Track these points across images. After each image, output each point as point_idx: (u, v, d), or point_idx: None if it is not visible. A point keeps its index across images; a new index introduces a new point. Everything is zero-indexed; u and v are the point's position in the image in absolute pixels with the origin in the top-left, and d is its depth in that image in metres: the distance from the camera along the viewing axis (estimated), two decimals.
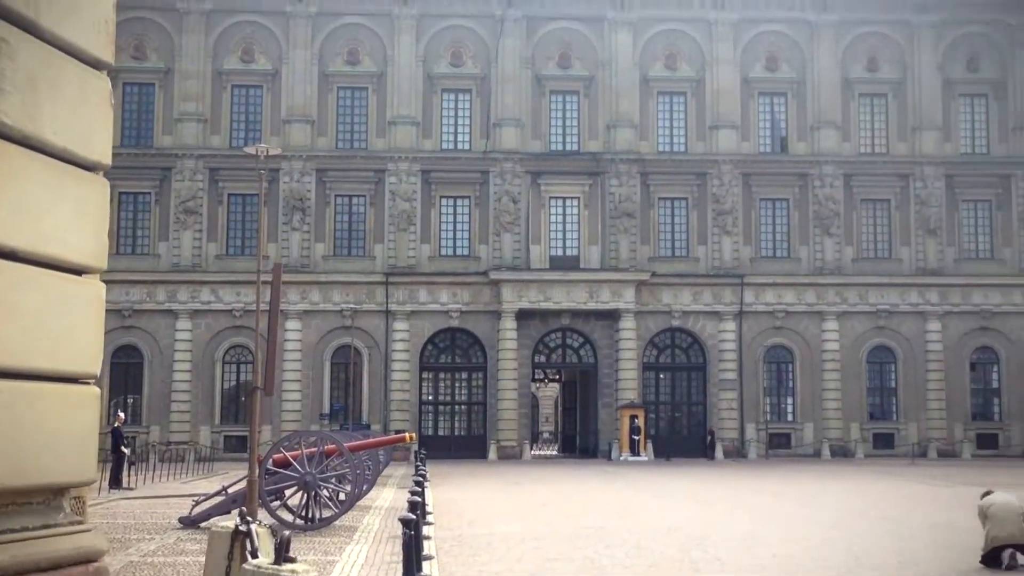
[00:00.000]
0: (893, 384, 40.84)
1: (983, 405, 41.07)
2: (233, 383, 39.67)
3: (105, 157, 5.48)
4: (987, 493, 10.51)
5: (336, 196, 40.27)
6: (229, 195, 39.79)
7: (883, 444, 40.10)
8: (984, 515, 10.25)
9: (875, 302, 40.37)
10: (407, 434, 19.70)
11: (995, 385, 40.99)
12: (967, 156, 41.33)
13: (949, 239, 40.77)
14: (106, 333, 32.91)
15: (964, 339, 40.59)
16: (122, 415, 27.40)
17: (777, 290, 40.38)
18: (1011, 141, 41.07)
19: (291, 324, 38.75)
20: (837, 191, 40.65)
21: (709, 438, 39.30)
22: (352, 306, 39.32)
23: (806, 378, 40.39)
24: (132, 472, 25.88)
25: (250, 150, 22.05)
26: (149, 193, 39.60)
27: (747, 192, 40.82)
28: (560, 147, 41.13)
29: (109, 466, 23.33)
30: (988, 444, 40.14)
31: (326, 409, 39.21)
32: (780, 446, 39.89)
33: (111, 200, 35.91)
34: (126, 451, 24.88)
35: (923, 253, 40.62)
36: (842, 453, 39.21)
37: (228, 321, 38.99)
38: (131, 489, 23.23)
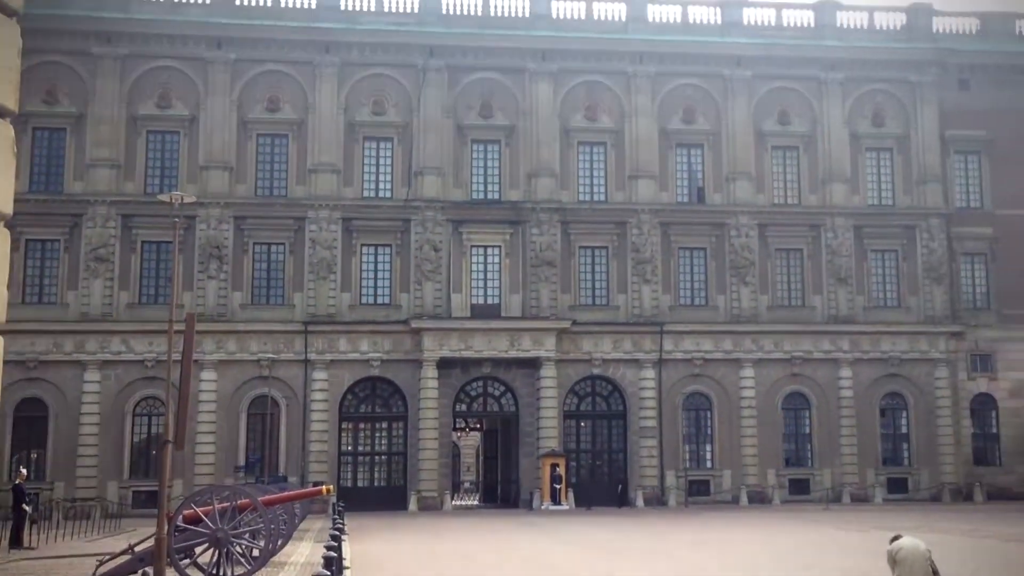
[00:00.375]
0: (807, 430, 41.66)
1: (892, 450, 42.12)
2: (144, 436, 38.53)
3: (6, 206, 5.35)
4: (896, 538, 10.73)
5: (255, 244, 39.78)
6: (143, 243, 38.99)
7: (799, 490, 40.76)
8: (893, 560, 10.46)
9: (790, 349, 41.27)
10: (325, 486, 19.38)
11: (904, 430, 42.10)
12: (874, 208, 42.81)
13: (859, 288, 42.01)
14: (9, 385, 31.57)
15: (874, 385, 41.70)
16: (24, 471, 26.34)
17: (695, 338, 40.99)
18: (915, 194, 42.68)
19: (206, 374, 37.92)
20: (752, 241, 41.63)
21: (620, 487, 39.50)
22: (270, 355, 38.69)
23: (724, 425, 40.95)
24: (34, 531, 24.85)
25: (164, 198, 21.69)
26: (58, 240, 38.55)
27: (666, 241, 41.52)
28: (482, 196, 41.38)
29: (10, 525, 22.38)
30: (898, 488, 41.13)
31: (241, 462, 38.32)
32: (699, 493, 40.25)
33: (17, 248, 34.65)
34: (28, 509, 23.90)
35: (835, 301, 41.75)
36: (759, 499, 39.73)
37: (140, 372, 37.98)
38: (32, 549, 22.30)
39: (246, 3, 40.66)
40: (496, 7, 41.97)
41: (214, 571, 14.65)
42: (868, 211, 42.61)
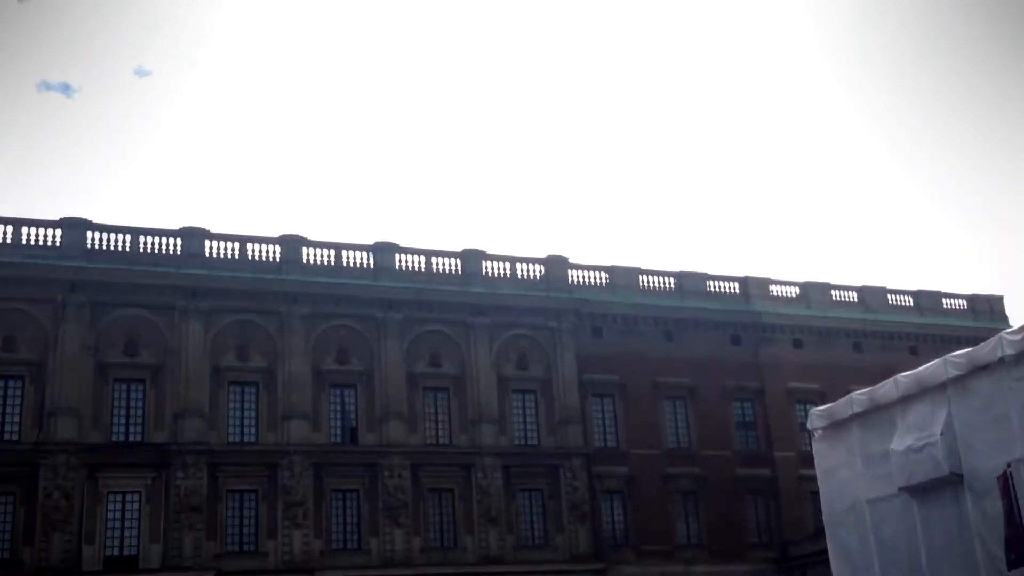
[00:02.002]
0: None
1: None
2: None
3: None
4: None
5: None
6: None
7: None
8: None
9: None
10: None
11: None
12: (521, 447, 48.63)
13: (508, 527, 46.94)
14: None
15: None
16: None
17: None
18: (558, 434, 49.10)
19: None
20: (405, 481, 45.64)
21: None
22: None
23: None
24: None
25: None
26: None
27: (318, 483, 44.55)
28: (123, 438, 42.63)
29: None
30: None
31: None
32: None
33: None
34: None
35: (486, 541, 46.28)
36: None
37: None
38: None
39: None
40: (146, 244, 44.94)
41: None
42: (515, 451, 48.31)
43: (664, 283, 54.51)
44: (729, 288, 55.75)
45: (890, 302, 59.16)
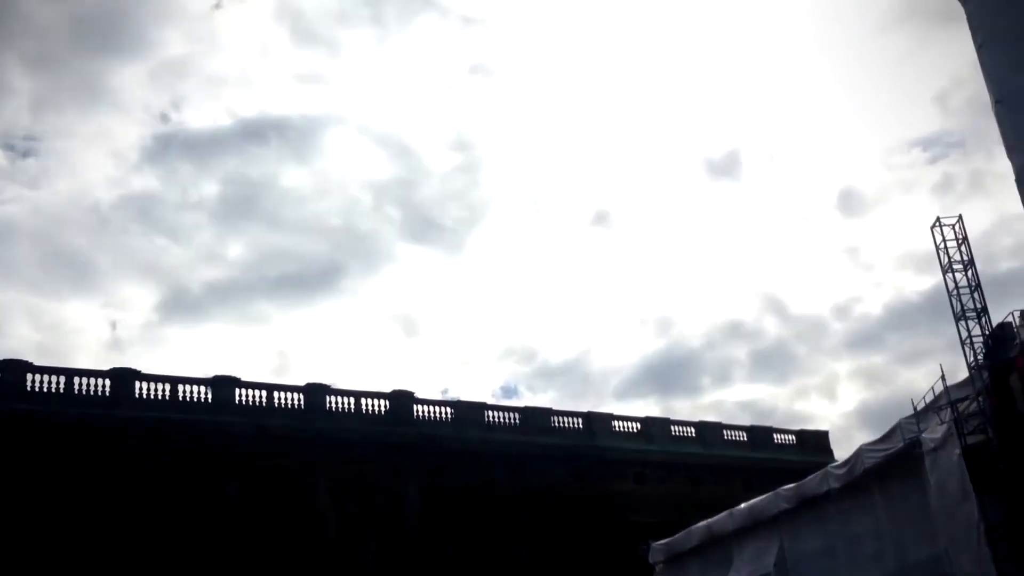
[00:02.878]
0: None
1: None
2: None
3: None
4: None
5: None
6: None
7: None
8: None
9: None
10: None
11: None
12: None
13: None
14: None
15: None
16: None
17: None
18: (403, 572, 47.99)
19: None
20: None
21: None
22: None
23: None
24: None
25: None
26: None
27: None
28: None
29: None
30: None
31: None
32: None
33: None
34: None
35: None
36: None
37: None
38: None
39: None
40: None
41: None
42: None
43: (509, 418, 54.68)
44: (573, 423, 56.36)
45: (725, 437, 60.90)
